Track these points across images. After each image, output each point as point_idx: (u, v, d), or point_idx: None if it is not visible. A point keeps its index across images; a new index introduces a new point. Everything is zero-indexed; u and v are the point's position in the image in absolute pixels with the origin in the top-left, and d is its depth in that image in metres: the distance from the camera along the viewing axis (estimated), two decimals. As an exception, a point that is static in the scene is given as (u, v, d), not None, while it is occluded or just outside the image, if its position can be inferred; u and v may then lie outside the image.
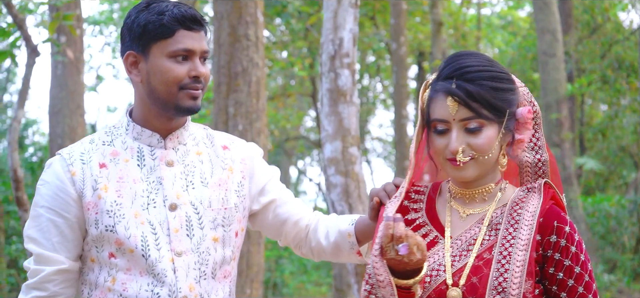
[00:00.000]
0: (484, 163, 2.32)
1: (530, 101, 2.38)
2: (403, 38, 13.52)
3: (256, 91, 7.26)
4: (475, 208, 2.38)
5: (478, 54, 2.35)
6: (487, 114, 2.28)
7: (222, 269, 2.60)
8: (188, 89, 2.50)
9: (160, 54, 2.49)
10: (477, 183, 2.38)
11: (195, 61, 2.52)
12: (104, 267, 2.52)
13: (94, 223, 2.50)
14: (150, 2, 2.54)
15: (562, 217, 2.29)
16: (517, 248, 2.24)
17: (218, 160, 2.67)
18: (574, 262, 2.25)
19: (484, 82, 2.27)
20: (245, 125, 7.19)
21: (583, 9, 19.88)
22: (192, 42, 2.51)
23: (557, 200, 2.36)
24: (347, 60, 4.89)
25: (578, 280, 2.25)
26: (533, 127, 2.39)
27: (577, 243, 2.27)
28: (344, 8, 4.89)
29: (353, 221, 2.71)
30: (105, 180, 2.52)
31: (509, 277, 2.21)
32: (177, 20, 2.48)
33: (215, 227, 2.58)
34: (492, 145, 2.30)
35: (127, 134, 2.59)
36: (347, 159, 4.92)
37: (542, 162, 2.41)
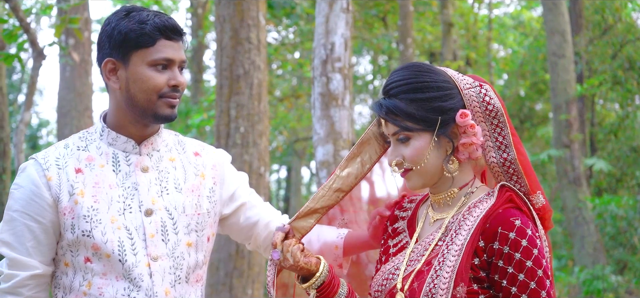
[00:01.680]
0: (424, 172, 2.36)
1: (483, 100, 2.35)
2: (410, 39, 13.52)
3: (258, 94, 7.32)
4: (442, 214, 2.41)
5: (410, 66, 2.38)
6: (411, 125, 2.32)
7: (195, 273, 2.65)
8: (167, 97, 2.55)
9: (140, 62, 2.53)
10: (439, 189, 2.41)
11: (175, 70, 2.57)
12: (79, 271, 2.55)
13: (70, 228, 2.52)
14: (130, 10, 2.58)
15: (509, 223, 2.25)
16: (450, 254, 2.26)
17: (190, 166, 2.71)
18: (517, 270, 2.22)
19: (403, 95, 2.33)
20: (247, 127, 7.25)
21: (594, 9, 19.82)
22: (172, 51, 2.55)
23: (516, 202, 2.31)
24: (338, 65, 4.95)
25: (522, 288, 2.21)
26: (497, 125, 2.36)
27: (523, 249, 2.22)
28: (336, 13, 4.94)
29: (342, 235, 2.75)
30: (82, 185, 2.54)
31: (438, 283, 2.23)
32: (158, 29, 2.52)
33: (189, 232, 2.62)
34: (423, 154, 2.33)
35: (101, 140, 2.63)
36: (339, 162, 4.96)
37: (509, 161, 2.36)
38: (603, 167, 16.90)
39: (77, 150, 2.61)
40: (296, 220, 2.60)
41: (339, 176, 2.59)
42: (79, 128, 11.13)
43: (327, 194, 2.59)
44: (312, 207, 2.59)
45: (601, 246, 15.35)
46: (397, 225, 2.56)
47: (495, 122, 2.35)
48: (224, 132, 7.23)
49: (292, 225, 2.59)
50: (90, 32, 11.31)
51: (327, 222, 2.79)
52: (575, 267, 13.96)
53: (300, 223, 2.59)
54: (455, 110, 2.33)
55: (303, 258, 2.47)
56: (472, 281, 2.26)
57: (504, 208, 2.28)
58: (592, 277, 13.40)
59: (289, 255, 2.47)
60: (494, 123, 2.35)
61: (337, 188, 2.58)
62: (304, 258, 2.48)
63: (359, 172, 2.57)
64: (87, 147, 2.62)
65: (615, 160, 20.34)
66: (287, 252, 2.47)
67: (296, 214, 2.61)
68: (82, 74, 11.14)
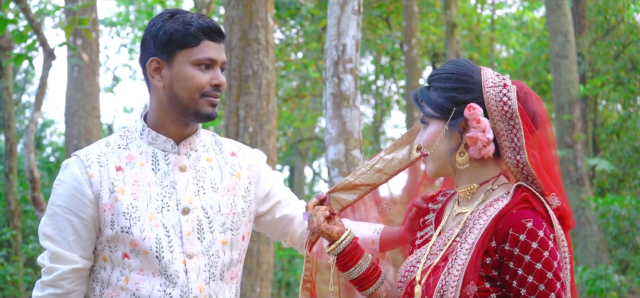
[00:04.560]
0: (435, 158, 2.45)
1: (501, 100, 2.38)
2: (414, 40, 13.61)
3: (266, 94, 7.39)
4: (463, 209, 2.47)
5: (451, 60, 2.49)
6: (430, 111, 2.43)
7: (230, 271, 2.72)
8: (209, 96, 2.63)
9: (185, 61, 2.61)
10: (460, 182, 2.48)
11: (217, 70, 2.65)
12: (117, 266, 2.63)
13: (109, 224, 2.60)
14: (174, 12, 2.67)
15: (520, 224, 2.28)
16: (462, 252, 2.32)
17: (227, 166, 2.79)
18: (527, 272, 2.25)
19: (433, 83, 2.46)
20: (255, 127, 7.32)
21: (597, 10, 19.87)
22: (215, 52, 2.64)
23: (531, 202, 2.34)
24: (350, 66, 5.02)
25: (531, 290, 2.24)
26: (513, 127, 2.38)
27: (533, 251, 2.24)
28: (347, 15, 5.01)
29: (378, 230, 2.80)
30: (122, 183, 2.62)
31: (449, 280, 2.29)
32: (202, 30, 2.61)
33: (224, 231, 2.70)
34: (434, 140, 2.44)
35: (141, 138, 2.71)
36: (350, 161, 5.05)
37: (521, 163, 2.39)
38: (606, 167, 16.95)
39: (118, 148, 2.69)
40: (335, 192, 2.68)
41: (382, 158, 2.65)
42: (86, 128, 11.21)
43: (368, 172, 2.66)
44: (351, 182, 2.67)
45: (604, 246, 15.41)
46: (428, 217, 2.63)
47: (511, 123, 2.38)
48: (232, 132, 7.30)
49: (331, 196, 2.68)
50: (97, 33, 11.38)
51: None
52: (578, 267, 14.01)
53: (340, 195, 2.67)
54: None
55: (325, 224, 2.58)
56: (484, 280, 2.30)
57: (518, 209, 2.32)
58: (595, 277, 13.45)
59: (314, 218, 2.59)
60: (510, 124, 2.39)
61: (379, 169, 2.65)
62: (327, 224, 2.59)
63: (405, 159, 2.63)
64: (128, 146, 2.69)
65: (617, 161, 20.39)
66: (314, 216, 2.59)
67: (334, 186, 2.69)
68: (90, 74, 11.21)
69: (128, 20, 23.93)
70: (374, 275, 2.62)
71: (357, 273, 2.59)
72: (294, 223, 2.90)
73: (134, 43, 25.33)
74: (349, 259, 2.58)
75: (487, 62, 21.14)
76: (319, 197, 2.67)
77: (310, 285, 2.71)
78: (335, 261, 2.59)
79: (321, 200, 2.66)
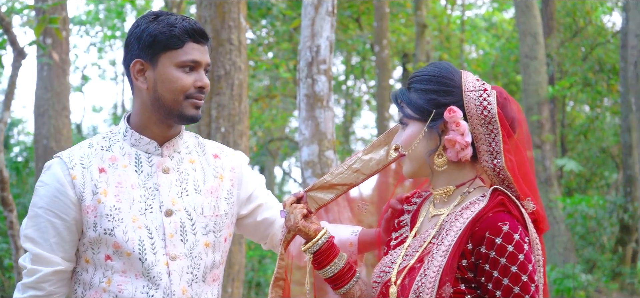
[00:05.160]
0: (413, 159, 2.47)
1: (481, 104, 2.40)
2: (386, 41, 13.67)
3: (239, 94, 7.39)
4: (439, 210, 2.48)
5: (433, 63, 2.51)
6: (410, 112, 2.45)
7: (212, 273, 2.72)
8: (193, 98, 2.63)
9: (169, 63, 2.61)
10: (436, 184, 2.50)
11: (201, 72, 2.65)
12: (99, 268, 2.62)
13: (92, 226, 2.59)
14: (158, 14, 2.66)
15: (497, 227, 2.29)
16: (438, 253, 2.33)
17: (210, 168, 2.79)
18: (502, 275, 2.27)
19: (413, 84, 2.48)
20: (227, 127, 7.31)
21: (565, 12, 20.06)
22: (199, 54, 2.64)
23: (507, 206, 2.36)
24: (323, 67, 5.04)
25: (506, 292, 2.27)
26: (491, 131, 2.40)
27: (509, 254, 2.27)
28: (321, 16, 5.04)
29: (356, 232, 2.82)
30: (105, 185, 2.61)
31: (425, 282, 2.31)
32: (187, 32, 2.61)
33: (207, 233, 2.70)
34: (413, 141, 2.45)
35: (125, 140, 2.70)
36: (323, 162, 5.08)
37: (498, 167, 2.41)
38: (573, 167, 17.10)
39: (101, 150, 2.68)
40: (312, 191, 2.69)
41: (360, 158, 2.67)
42: (56, 128, 11.12)
43: (346, 172, 2.67)
44: (329, 181, 2.68)
45: (571, 245, 15.56)
46: (403, 218, 2.64)
47: (490, 127, 2.40)
48: (204, 132, 7.29)
49: (308, 194, 2.69)
50: (68, 32, 11.30)
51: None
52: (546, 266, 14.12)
53: (316, 194, 2.69)
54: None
55: (302, 222, 2.59)
56: (459, 281, 2.32)
57: (494, 212, 2.33)
58: (562, 276, 13.59)
59: (291, 216, 2.60)
60: (489, 128, 2.41)
61: (356, 169, 2.66)
62: (304, 222, 2.60)
63: (382, 159, 2.64)
64: (111, 147, 2.69)
65: (584, 161, 20.61)
66: (291, 213, 2.60)
67: (312, 185, 2.71)
68: (60, 73, 11.13)
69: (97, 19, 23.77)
70: (349, 274, 2.62)
71: (333, 272, 2.60)
72: (275, 227, 2.91)
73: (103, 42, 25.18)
74: (325, 257, 2.59)
75: (457, 63, 21.25)
76: (297, 195, 2.69)
77: (283, 283, 2.72)
78: (311, 259, 2.60)
79: (298, 198, 2.68)
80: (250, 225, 2.92)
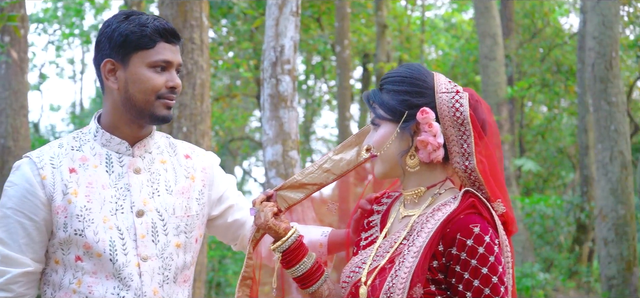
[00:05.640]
0: (384, 160, 2.47)
1: (453, 106, 2.41)
2: (347, 41, 13.70)
3: (201, 94, 7.35)
4: (410, 212, 2.49)
5: (405, 64, 2.52)
6: (382, 113, 2.46)
7: (183, 274, 2.71)
8: (164, 98, 2.60)
9: (140, 63, 2.58)
10: (407, 185, 2.50)
11: (172, 72, 2.62)
12: (69, 269, 2.58)
13: (62, 226, 2.56)
14: (129, 13, 2.64)
15: (468, 229, 2.30)
16: (410, 255, 2.34)
17: (181, 168, 2.77)
18: (473, 276, 2.28)
19: (386, 85, 2.48)
20: (189, 127, 7.28)
21: (524, 13, 20.30)
22: (171, 54, 2.61)
23: (478, 208, 2.37)
24: (288, 67, 5.04)
25: (476, 293, 2.28)
26: (463, 133, 2.42)
27: (480, 256, 2.28)
28: (286, 16, 5.04)
29: (326, 233, 2.81)
30: (75, 185, 2.58)
31: (396, 283, 2.32)
32: (158, 32, 2.58)
33: (178, 234, 2.68)
34: (385, 142, 2.45)
35: (95, 140, 2.67)
36: (287, 162, 5.08)
37: (470, 169, 2.42)
38: (531, 167, 17.31)
39: (72, 150, 2.65)
40: (282, 190, 2.70)
41: (331, 158, 2.68)
42: (14, 127, 10.98)
43: (316, 172, 2.68)
44: (299, 180, 2.69)
45: (530, 244, 15.73)
46: (372, 218, 2.65)
47: (462, 129, 2.42)
48: (166, 131, 7.23)
49: (278, 193, 2.69)
50: (26, 30, 11.16)
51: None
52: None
53: (286, 193, 2.69)
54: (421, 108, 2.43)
55: (272, 220, 2.59)
56: (430, 282, 2.33)
57: (465, 214, 2.34)
58: (521, 275, 13.73)
59: (262, 214, 2.60)
60: (461, 130, 2.42)
61: (326, 169, 2.67)
62: (274, 220, 2.60)
63: (353, 160, 2.65)
64: (81, 147, 2.66)
65: (542, 161, 20.87)
66: (261, 211, 2.60)
67: (282, 184, 2.71)
68: (18, 72, 10.98)
69: (56, 17, 23.50)
70: (318, 274, 2.63)
71: (301, 271, 2.61)
72: (246, 228, 2.89)
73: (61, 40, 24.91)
74: (294, 257, 2.60)
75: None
76: (266, 193, 2.69)
77: (251, 282, 2.72)
78: (280, 258, 2.60)
79: (268, 196, 2.68)
80: (221, 226, 2.91)
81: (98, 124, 2.69)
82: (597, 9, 11.71)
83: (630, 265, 11.37)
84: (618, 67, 11.71)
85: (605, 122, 11.58)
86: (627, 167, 11.56)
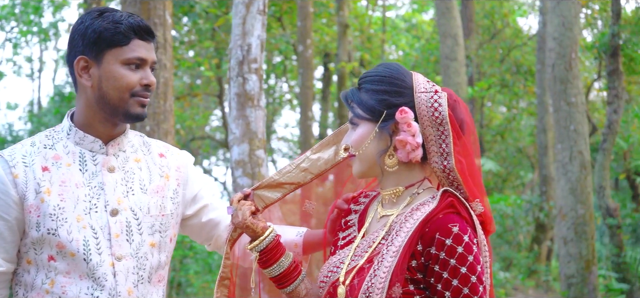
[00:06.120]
0: (363, 159, 2.47)
1: (432, 106, 2.41)
2: (309, 40, 13.69)
3: (164, 92, 7.30)
4: (388, 211, 2.49)
5: (384, 63, 2.51)
6: (360, 112, 2.45)
7: (157, 274, 2.68)
8: (139, 96, 2.57)
9: (114, 60, 2.55)
10: (385, 185, 2.50)
11: (147, 70, 2.59)
12: (42, 269, 2.54)
13: (35, 225, 2.52)
14: (103, 10, 2.60)
15: (447, 229, 2.30)
16: (389, 254, 2.34)
17: (155, 167, 2.74)
18: (452, 276, 2.28)
19: (365, 84, 2.48)
20: (152, 126, 7.22)
21: (484, 14, 20.48)
22: (145, 51, 2.59)
23: (457, 207, 2.37)
24: (254, 66, 5.02)
25: (455, 293, 2.28)
26: (442, 133, 2.42)
27: (459, 256, 2.28)
28: (252, 15, 5.02)
29: (301, 233, 2.80)
30: (48, 184, 2.54)
31: (375, 282, 2.31)
32: (132, 29, 2.56)
33: (153, 233, 2.65)
34: (363, 141, 2.45)
35: (68, 138, 2.63)
36: (254, 161, 5.06)
37: (448, 169, 2.42)
38: (492, 167, 17.45)
39: (44, 148, 2.61)
40: (259, 189, 2.69)
41: (308, 157, 2.67)
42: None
43: (294, 171, 2.67)
44: (276, 180, 2.67)
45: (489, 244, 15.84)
46: (350, 218, 2.64)
47: (441, 129, 2.42)
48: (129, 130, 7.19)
49: (255, 192, 2.68)
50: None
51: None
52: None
53: (264, 193, 2.68)
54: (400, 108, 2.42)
55: (250, 219, 2.58)
56: (408, 282, 2.33)
57: (444, 214, 2.34)
58: (481, 274, 13.80)
59: (239, 213, 2.58)
60: (440, 130, 2.42)
61: (304, 168, 2.66)
62: (252, 219, 2.58)
63: (330, 159, 2.65)
64: (54, 146, 2.62)
65: (501, 161, 21.07)
66: (239, 210, 2.59)
67: (259, 183, 2.70)
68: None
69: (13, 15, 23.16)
70: (295, 273, 2.62)
71: (278, 271, 2.59)
72: (220, 228, 2.88)
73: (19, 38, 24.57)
74: (271, 256, 2.58)
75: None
76: (244, 192, 2.67)
77: (229, 282, 2.70)
78: (257, 258, 2.58)
79: (246, 195, 2.66)
80: (195, 226, 2.89)
81: (71, 122, 2.65)
82: (557, 10, 11.84)
83: (589, 264, 11.51)
84: (577, 68, 11.86)
85: (565, 122, 11.72)
86: (586, 166, 11.71)
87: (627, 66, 16.39)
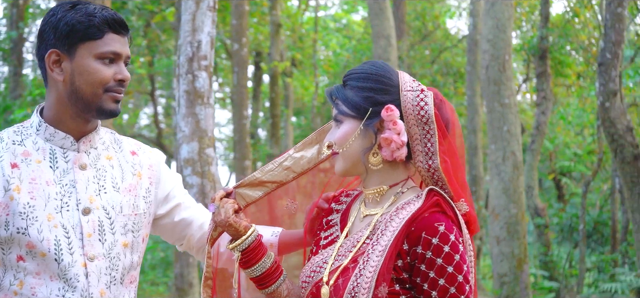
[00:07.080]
0: (347, 157, 2.42)
1: (418, 105, 2.39)
2: (245, 39, 13.60)
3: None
4: (372, 210, 2.45)
5: (369, 62, 2.47)
6: (345, 109, 2.41)
7: (130, 274, 2.60)
8: (112, 91, 2.48)
9: (87, 54, 2.46)
10: (369, 184, 2.46)
11: (121, 65, 2.51)
12: (10, 270, 2.44)
13: (3, 224, 2.41)
14: (76, 2, 2.50)
15: (433, 228, 2.28)
16: (374, 254, 2.30)
17: (128, 165, 2.65)
18: (438, 275, 2.26)
19: (350, 82, 2.44)
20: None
21: (415, 15, 20.68)
22: (119, 45, 2.50)
23: (442, 206, 2.36)
24: (204, 63, 4.95)
25: (442, 292, 2.27)
26: (427, 132, 2.40)
27: (445, 255, 2.26)
28: (202, 11, 4.94)
29: (276, 233, 2.74)
30: (18, 181, 2.44)
31: (361, 282, 2.28)
32: (107, 22, 2.46)
33: (125, 233, 2.57)
34: (347, 139, 2.41)
35: (38, 135, 2.53)
36: (204, 160, 4.98)
37: (433, 168, 2.40)
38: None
39: (13, 144, 2.50)
40: (240, 187, 2.63)
41: (291, 156, 2.62)
42: None
43: (276, 169, 2.62)
44: (259, 178, 2.62)
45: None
46: (331, 217, 2.60)
47: (426, 128, 2.40)
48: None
49: (237, 191, 2.62)
50: None
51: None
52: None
53: (245, 191, 2.62)
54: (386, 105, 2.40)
55: (233, 217, 2.52)
56: (394, 282, 2.30)
57: (429, 213, 2.32)
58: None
59: (222, 210, 2.53)
60: (425, 129, 2.40)
61: (287, 167, 2.61)
62: (235, 217, 2.52)
63: (314, 158, 2.61)
64: (23, 142, 2.51)
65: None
66: (222, 208, 2.53)
67: (240, 181, 2.64)
68: None
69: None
70: (276, 274, 2.57)
71: (260, 271, 2.54)
72: (192, 228, 2.80)
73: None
74: (253, 256, 2.52)
75: (310, 63, 21.46)
76: (226, 190, 2.61)
77: (211, 282, 2.64)
78: (239, 258, 2.52)
79: (228, 193, 2.60)
80: (168, 226, 2.80)
81: (40, 117, 2.55)
82: (491, 12, 12.01)
83: (521, 262, 11.71)
84: (511, 70, 12.06)
85: (498, 123, 11.90)
86: (518, 167, 11.91)
87: (555, 69, 16.77)
